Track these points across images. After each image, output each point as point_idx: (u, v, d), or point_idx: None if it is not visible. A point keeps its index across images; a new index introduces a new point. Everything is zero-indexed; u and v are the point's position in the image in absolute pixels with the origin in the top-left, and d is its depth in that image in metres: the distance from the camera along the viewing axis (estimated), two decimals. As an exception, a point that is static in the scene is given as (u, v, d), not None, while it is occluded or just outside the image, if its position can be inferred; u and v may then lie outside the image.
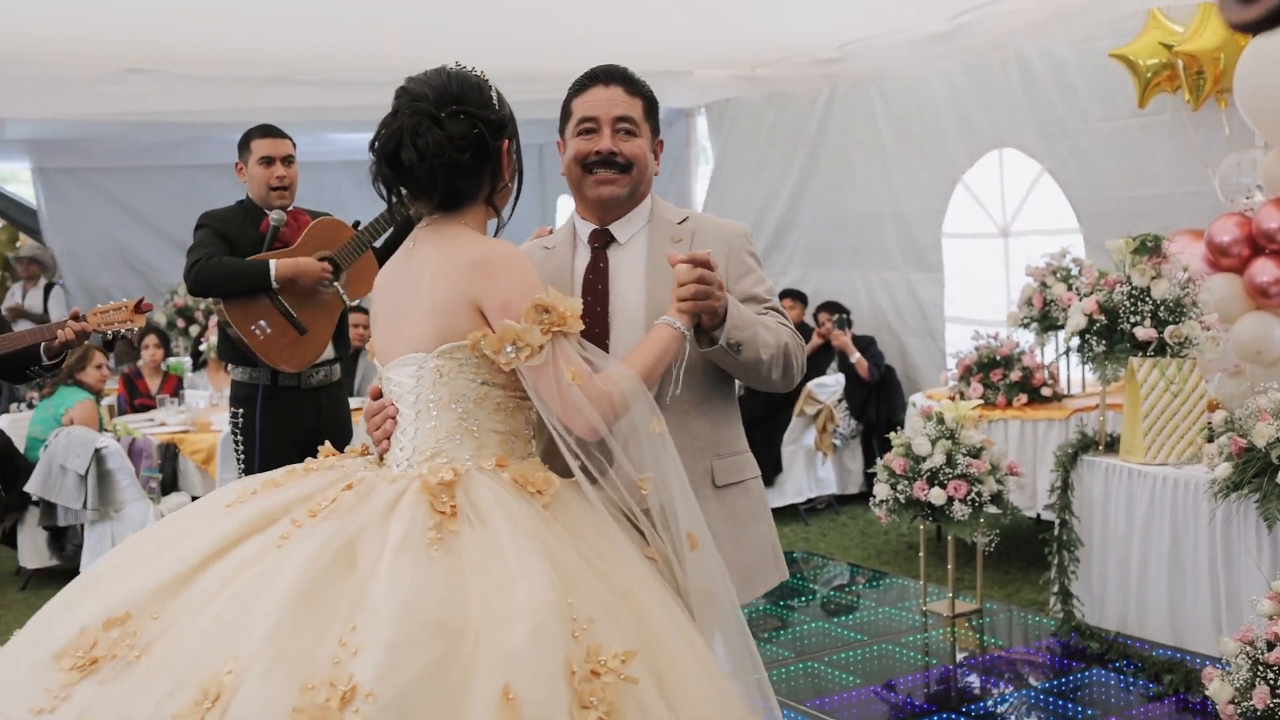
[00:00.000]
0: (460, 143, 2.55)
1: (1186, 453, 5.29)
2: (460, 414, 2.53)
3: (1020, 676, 5.32)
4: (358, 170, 14.63)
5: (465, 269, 2.52)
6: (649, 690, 2.20)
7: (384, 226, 5.18)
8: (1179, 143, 6.97)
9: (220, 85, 8.57)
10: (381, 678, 2.03)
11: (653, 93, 2.99)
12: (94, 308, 4.45)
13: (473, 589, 2.22)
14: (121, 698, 2.11)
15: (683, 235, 2.93)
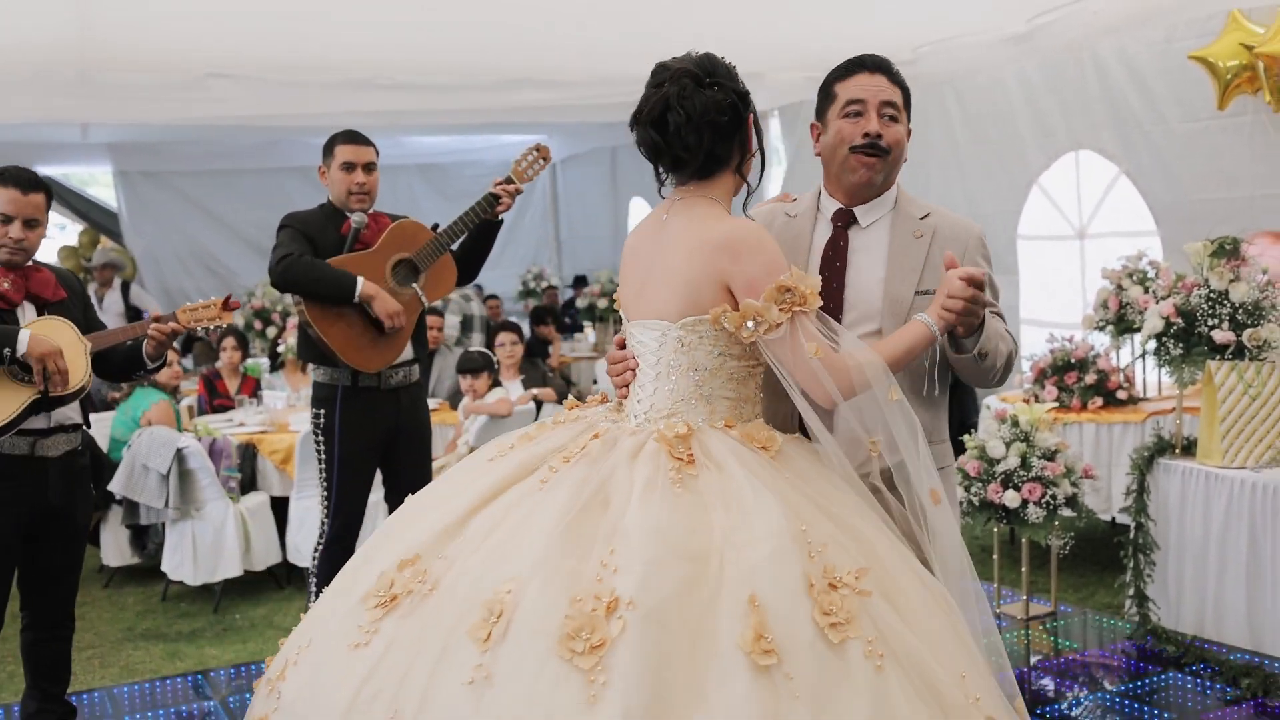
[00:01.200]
0: (721, 106, 2.77)
1: (1265, 456, 5.25)
2: (697, 380, 2.78)
3: (1096, 679, 5.30)
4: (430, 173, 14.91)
5: (714, 248, 2.74)
6: (882, 605, 2.44)
7: (462, 229, 5.26)
8: (1259, 144, 6.90)
9: (299, 90, 8.73)
10: (641, 589, 2.32)
11: (907, 84, 3.13)
12: (183, 305, 4.56)
13: (715, 520, 2.49)
14: (421, 626, 2.45)
15: (923, 231, 3.06)
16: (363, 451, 5.21)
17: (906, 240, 3.03)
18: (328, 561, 5.23)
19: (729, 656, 2.28)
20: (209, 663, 5.92)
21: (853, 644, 2.35)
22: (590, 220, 15.36)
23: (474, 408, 7.49)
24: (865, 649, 2.35)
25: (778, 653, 2.28)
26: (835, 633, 2.35)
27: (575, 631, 2.28)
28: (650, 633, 2.28)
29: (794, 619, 2.35)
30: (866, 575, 2.45)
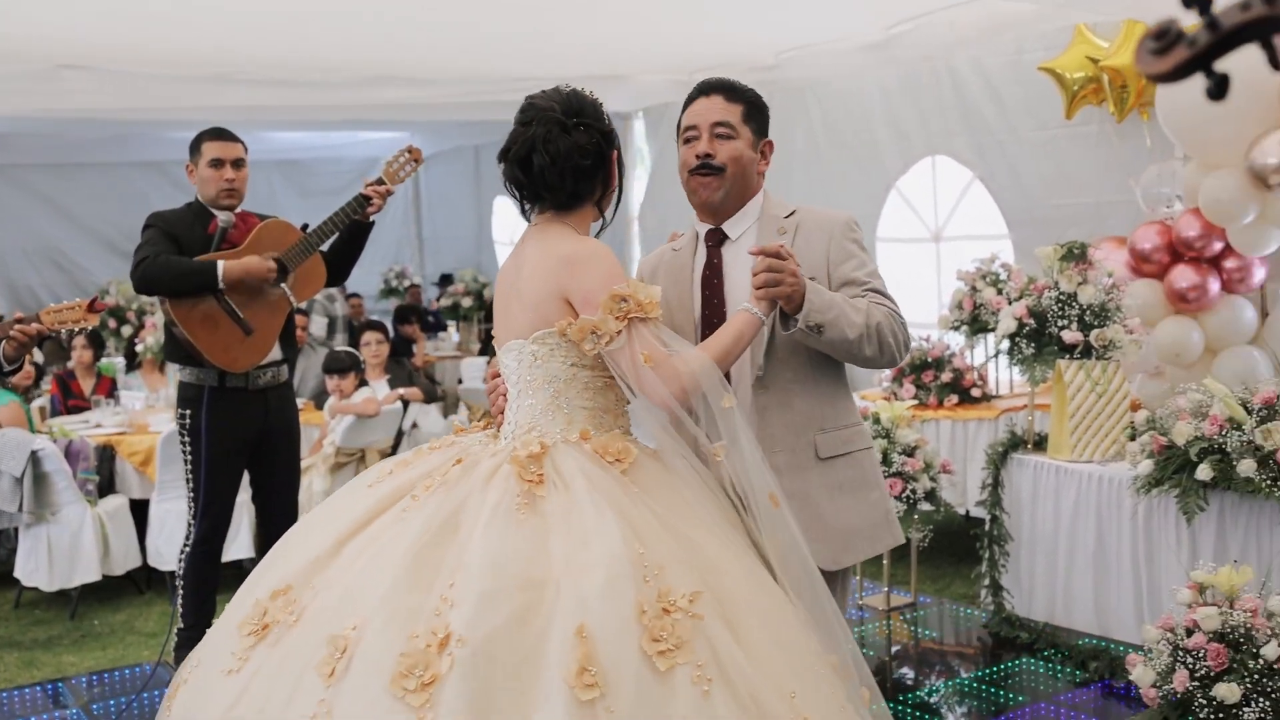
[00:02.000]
0: (584, 149, 2.88)
1: (1111, 451, 5.50)
2: (553, 393, 2.85)
3: (954, 666, 5.50)
4: (289, 169, 14.69)
5: (555, 265, 2.83)
6: (716, 626, 2.48)
7: (331, 230, 5.25)
8: (1104, 153, 7.21)
9: (156, 83, 8.54)
10: (471, 625, 2.37)
11: (759, 98, 3.27)
12: (46, 307, 4.46)
13: (554, 546, 2.54)
14: (282, 657, 2.51)
15: (787, 228, 3.18)
16: (230, 452, 5.16)
17: (771, 239, 3.13)
18: (194, 564, 5.18)
19: (554, 690, 2.32)
20: (67, 670, 5.80)
21: (680, 670, 2.39)
22: (453, 219, 15.29)
23: (340, 408, 7.44)
24: (694, 674, 2.38)
25: (601, 685, 2.32)
26: (663, 660, 2.38)
27: (409, 669, 2.33)
28: (478, 668, 2.33)
29: (621, 648, 2.38)
30: (701, 598, 2.48)
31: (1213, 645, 4.08)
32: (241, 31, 7.33)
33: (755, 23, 7.51)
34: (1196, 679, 4.09)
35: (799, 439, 3.11)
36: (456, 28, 7.28)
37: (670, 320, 3.13)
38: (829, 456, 3.13)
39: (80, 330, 4.43)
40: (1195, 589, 4.28)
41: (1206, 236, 6.26)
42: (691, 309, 3.23)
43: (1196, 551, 4.87)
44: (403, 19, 7.00)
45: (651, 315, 2.77)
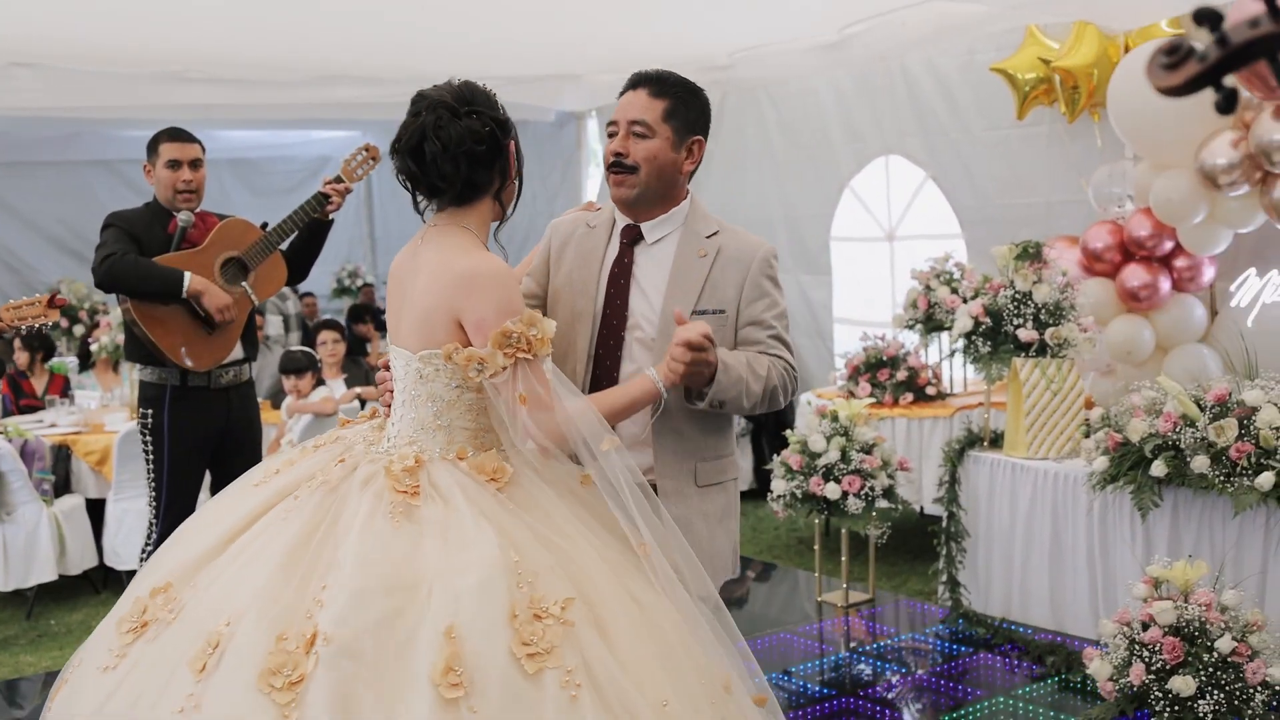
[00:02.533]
0: (478, 135, 2.77)
1: (1066, 448, 5.58)
2: (435, 411, 2.78)
3: (913, 661, 5.56)
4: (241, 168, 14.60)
5: (451, 281, 2.74)
6: (588, 634, 2.47)
7: (291, 228, 5.23)
8: (1055, 153, 7.30)
9: (106, 82, 8.48)
10: (338, 623, 2.37)
11: (691, 94, 3.15)
12: (5, 304, 4.43)
13: (430, 548, 2.53)
14: (159, 653, 2.49)
15: (708, 251, 3.12)
16: (192, 451, 5.14)
17: (690, 259, 3.09)
18: (156, 564, 5.14)
19: (419, 689, 2.33)
20: (24, 670, 5.75)
21: (549, 674, 2.38)
22: (405, 217, 15.16)
23: (298, 407, 7.41)
24: (562, 679, 2.38)
25: (466, 685, 2.33)
26: (531, 663, 2.38)
27: (277, 668, 2.34)
28: (342, 667, 2.33)
29: (490, 650, 2.38)
30: (573, 605, 2.48)
31: (1168, 639, 4.17)
32: (193, 30, 7.29)
33: (709, 23, 7.56)
34: (1152, 672, 4.17)
35: (682, 465, 3.10)
36: (410, 27, 7.28)
37: (571, 305, 3.14)
38: (706, 484, 3.14)
39: (41, 326, 4.41)
40: (1150, 584, 4.36)
41: (1157, 236, 6.37)
42: (595, 298, 3.15)
43: (1151, 547, 4.96)
44: (355, 18, 7.00)
45: (540, 354, 2.71)
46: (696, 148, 3.14)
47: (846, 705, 5.02)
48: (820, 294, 9.02)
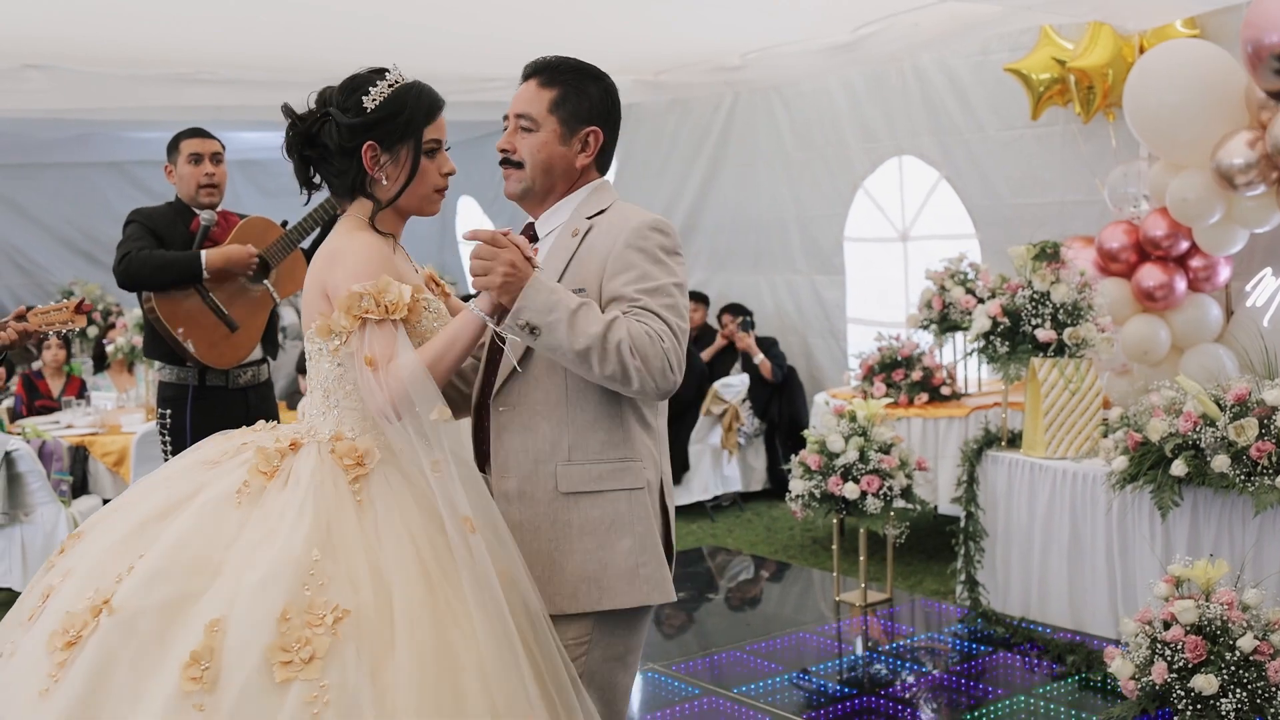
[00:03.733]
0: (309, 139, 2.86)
1: (1084, 447, 5.59)
2: (323, 393, 2.78)
3: (933, 660, 5.57)
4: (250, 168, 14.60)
5: (321, 260, 2.80)
6: (352, 653, 2.40)
7: (312, 226, 5.25)
8: (1069, 153, 7.31)
9: (119, 83, 8.50)
10: (128, 597, 2.44)
11: (585, 80, 2.91)
12: (34, 309, 4.44)
13: (245, 536, 2.56)
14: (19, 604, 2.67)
15: (581, 229, 2.85)
16: (213, 452, 5.15)
17: (562, 240, 2.87)
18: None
19: (167, 675, 2.36)
20: None
21: (298, 685, 2.34)
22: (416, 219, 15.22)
23: (313, 407, 7.42)
24: (310, 693, 2.34)
25: (207, 681, 2.34)
26: (282, 670, 2.35)
27: (66, 627, 2.43)
28: (115, 637, 2.40)
29: (245, 650, 2.37)
30: (347, 619, 2.42)
31: (1190, 638, 4.17)
32: (203, 32, 7.32)
33: (721, 23, 7.57)
34: (1175, 671, 4.17)
35: (538, 468, 2.77)
36: (419, 28, 7.29)
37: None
38: (571, 492, 2.76)
39: (68, 331, 4.43)
40: (1172, 583, 4.36)
41: (1173, 236, 6.38)
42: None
43: (1171, 546, 4.96)
44: (364, 19, 7.01)
45: (392, 316, 2.64)
46: (592, 139, 2.89)
47: (866, 704, 5.03)
48: (834, 294, 9.03)
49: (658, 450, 2.87)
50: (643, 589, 2.78)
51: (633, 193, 10.47)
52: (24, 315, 4.34)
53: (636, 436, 2.81)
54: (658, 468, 2.86)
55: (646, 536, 2.79)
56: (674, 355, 2.66)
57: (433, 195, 2.90)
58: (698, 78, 9.10)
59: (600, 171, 2.97)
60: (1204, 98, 6.05)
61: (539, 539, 2.77)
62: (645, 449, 2.83)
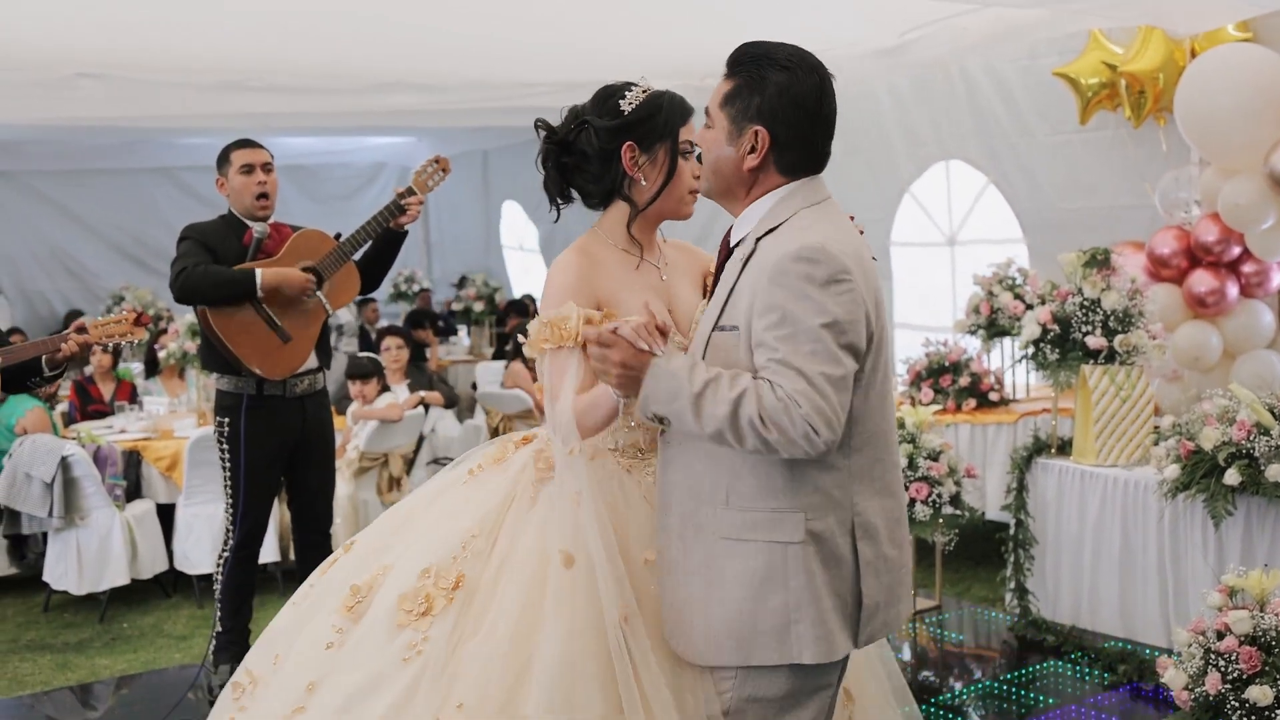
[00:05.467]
0: (567, 147, 2.98)
1: (1135, 455, 5.56)
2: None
3: (983, 668, 5.56)
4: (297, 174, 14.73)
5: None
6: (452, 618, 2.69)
7: (364, 238, 5.30)
8: (1119, 157, 7.27)
9: (168, 90, 8.60)
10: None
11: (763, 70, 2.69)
12: (93, 320, 4.53)
13: (446, 506, 2.96)
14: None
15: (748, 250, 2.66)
16: (268, 459, 5.22)
17: (733, 265, 2.71)
18: (233, 568, 5.26)
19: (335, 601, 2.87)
20: (99, 673, 5.86)
21: (406, 633, 2.68)
22: (461, 223, 15.35)
23: (363, 413, 7.50)
24: (410, 642, 2.66)
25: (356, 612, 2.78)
26: (402, 616, 2.69)
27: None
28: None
29: (389, 593, 2.76)
30: (463, 587, 2.72)
31: (1245, 648, 4.14)
32: (252, 38, 7.39)
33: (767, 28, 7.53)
34: (1229, 682, 4.14)
35: (699, 508, 2.62)
36: (465, 34, 7.33)
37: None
38: (727, 538, 2.59)
39: (127, 343, 4.51)
40: (1225, 592, 4.33)
41: (1225, 241, 6.34)
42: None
43: (1224, 555, 4.93)
44: (411, 26, 7.06)
45: (566, 344, 2.77)
46: (759, 139, 2.63)
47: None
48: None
49: (846, 491, 2.58)
50: (794, 647, 2.56)
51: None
52: (84, 328, 4.42)
53: (801, 483, 2.55)
54: (842, 511, 2.58)
55: (803, 591, 2.54)
56: (817, 418, 2.40)
57: (687, 196, 2.98)
58: (743, 82, 9.08)
59: (789, 174, 2.67)
60: (1256, 101, 6.01)
61: (674, 578, 2.67)
62: (813, 497, 2.56)
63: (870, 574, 2.60)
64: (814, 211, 2.64)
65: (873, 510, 2.61)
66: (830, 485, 2.57)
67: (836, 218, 2.67)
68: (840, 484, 2.58)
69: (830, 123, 2.70)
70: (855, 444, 2.59)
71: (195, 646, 6.10)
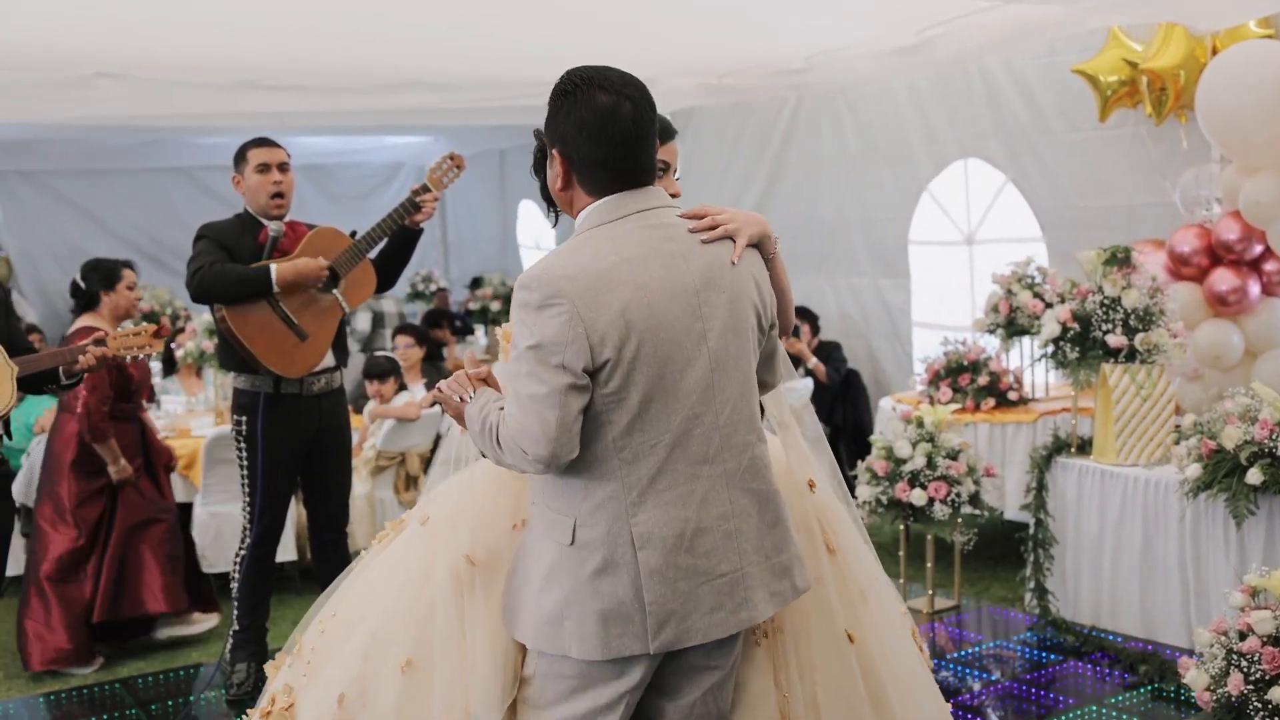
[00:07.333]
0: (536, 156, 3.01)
1: (1156, 454, 5.53)
2: None
3: (1001, 669, 5.53)
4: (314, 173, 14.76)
5: None
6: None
7: (380, 236, 5.30)
8: (1139, 155, 7.22)
9: (186, 90, 8.61)
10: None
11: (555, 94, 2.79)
12: (113, 333, 4.53)
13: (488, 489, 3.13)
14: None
15: None
16: (286, 458, 5.22)
17: None
18: (250, 567, 5.26)
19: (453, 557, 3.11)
20: (120, 671, 5.87)
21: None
22: (477, 223, 15.35)
23: (380, 412, 7.49)
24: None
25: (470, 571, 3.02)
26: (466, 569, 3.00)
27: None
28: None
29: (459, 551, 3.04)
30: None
31: (1267, 649, 4.11)
32: (269, 38, 7.39)
33: (785, 26, 7.54)
34: (1251, 682, 4.11)
35: (530, 501, 2.87)
36: (481, 33, 7.32)
37: None
38: (536, 532, 2.82)
39: (146, 356, 4.51)
40: (1248, 592, 4.30)
41: (1246, 239, 6.30)
42: None
43: (1245, 555, 4.90)
44: (427, 24, 7.06)
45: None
46: (557, 162, 2.77)
47: (935, 713, 4.99)
48: (898, 297, 8.98)
49: (621, 502, 2.66)
50: (565, 641, 2.71)
51: (695, 197, 10.29)
52: (103, 340, 4.42)
53: (575, 490, 2.70)
54: (619, 521, 2.67)
55: (571, 591, 2.68)
56: (524, 438, 2.61)
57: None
58: (761, 81, 9.07)
59: (594, 194, 2.75)
60: (1278, 99, 5.96)
61: (514, 573, 2.87)
62: (586, 505, 2.69)
63: (657, 582, 2.65)
64: (596, 232, 2.71)
65: (655, 521, 2.66)
66: (605, 495, 2.67)
67: (617, 238, 2.69)
68: (615, 495, 2.67)
69: (627, 141, 2.69)
70: (628, 456, 2.66)
71: (212, 645, 6.10)
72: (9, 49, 7.33)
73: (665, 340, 2.64)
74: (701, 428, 2.68)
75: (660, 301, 2.64)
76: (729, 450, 2.72)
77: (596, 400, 2.62)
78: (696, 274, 2.71)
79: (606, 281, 2.61)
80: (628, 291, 2.61)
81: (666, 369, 2.64)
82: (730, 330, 2.73)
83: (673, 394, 2.65)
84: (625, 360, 2.60)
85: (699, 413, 2.68)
